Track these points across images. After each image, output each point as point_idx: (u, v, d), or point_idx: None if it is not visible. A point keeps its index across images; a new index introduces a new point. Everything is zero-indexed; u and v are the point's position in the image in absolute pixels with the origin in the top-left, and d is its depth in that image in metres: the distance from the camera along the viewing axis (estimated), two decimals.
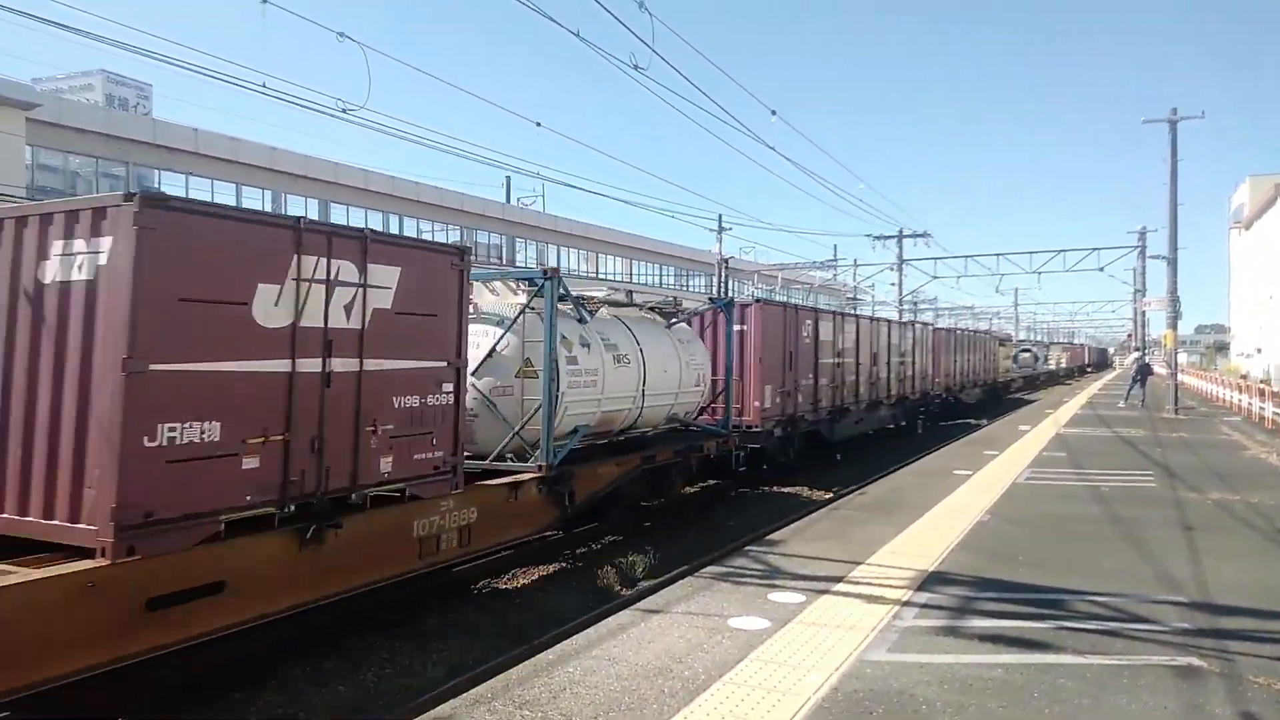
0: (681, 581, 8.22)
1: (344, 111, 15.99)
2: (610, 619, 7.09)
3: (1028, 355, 68.34)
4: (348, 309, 7.61)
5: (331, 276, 7.44)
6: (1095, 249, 40.26)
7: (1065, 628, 6.83)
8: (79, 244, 6.24)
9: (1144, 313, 45.28)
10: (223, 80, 20.02)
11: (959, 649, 6.34)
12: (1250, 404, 28.73)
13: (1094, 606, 7.41)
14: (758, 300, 17.53)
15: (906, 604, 7.41)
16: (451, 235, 49.60)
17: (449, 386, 8.83)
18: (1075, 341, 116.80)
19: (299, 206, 40.98)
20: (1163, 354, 33.87)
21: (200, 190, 36.61)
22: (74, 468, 6.10)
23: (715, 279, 44.18)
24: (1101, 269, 40.51)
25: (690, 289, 69.21)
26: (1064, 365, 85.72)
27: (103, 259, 6.11)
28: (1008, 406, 39.16)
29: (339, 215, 41.88)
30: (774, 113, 22.53)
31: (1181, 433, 22.89)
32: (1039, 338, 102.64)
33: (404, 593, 9.39)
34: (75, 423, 6.12)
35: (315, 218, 40.73)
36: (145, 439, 6.02)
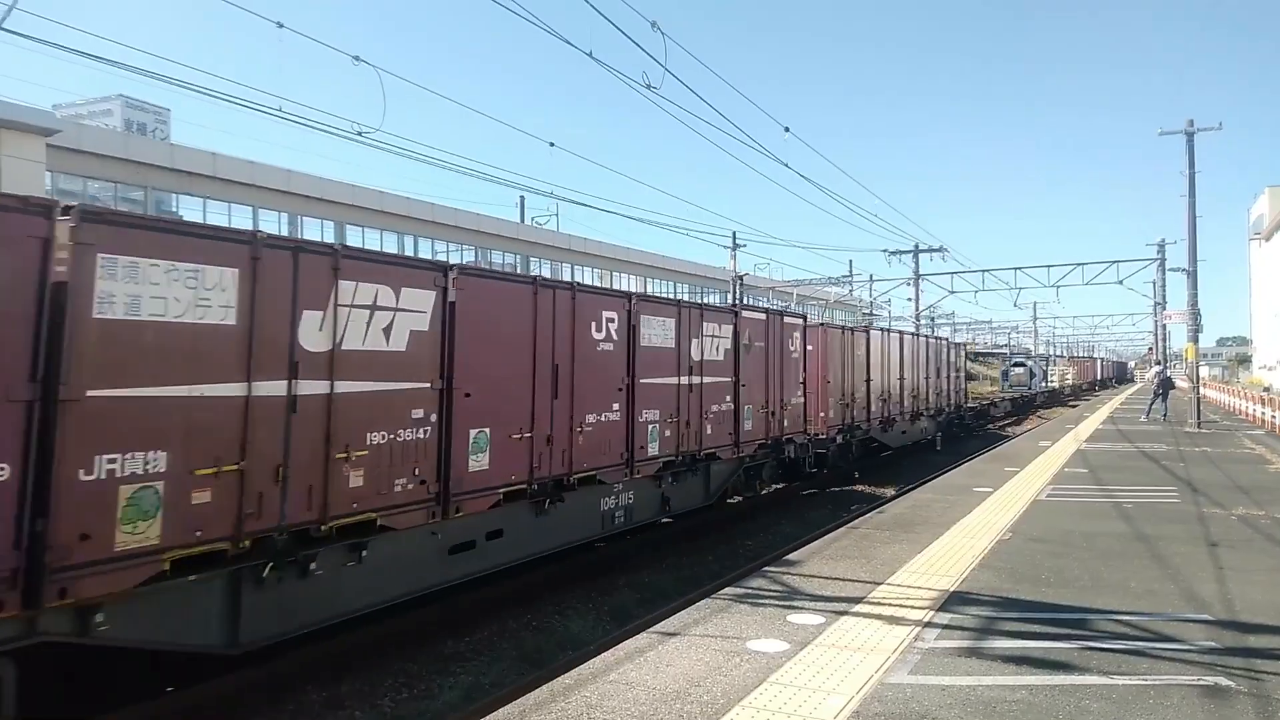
0: (699, 604, 8.14)
1: (360, 134, 16.13)
2: (627, 642, 7.03)
3: (1020, 371, 56.88)
4: None
5: None
6: (1114, 262, 39.90)
7: (1090, 648, 6.72)
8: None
9: (1165, 326, 44.88)
10: (240, 105, 20.23)
11: (982, 670, 6.25)
12: (1274, 417, 28.40)
13: (1119, 625, 7.29)
14: None
15: (928, 625, 7.31)
16: (466, 255, 49.83)
17: None
18: (1091, 354, 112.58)
19: (315, 229, 41.31)
20: (1184, 367, 33.31)
21: (218, 214, 37.00)
22: None
23: (731, 295, 44.17)
24: (1121, 282, 40.11)
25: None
26: (1071, 382, 75.33)
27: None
28: (966, 451, 26.23)
29: (354, 237, 42.16)
30: (787, 129, 22.50)
31: (1204, 447, 22.62)
32: (1059, 352, 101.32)
33: (422, 616, 9.37)
34: None
35: (331, 240, 41.17)
36: None
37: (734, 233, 41.54)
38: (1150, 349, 69.54)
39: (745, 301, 43.57)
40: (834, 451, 20.01)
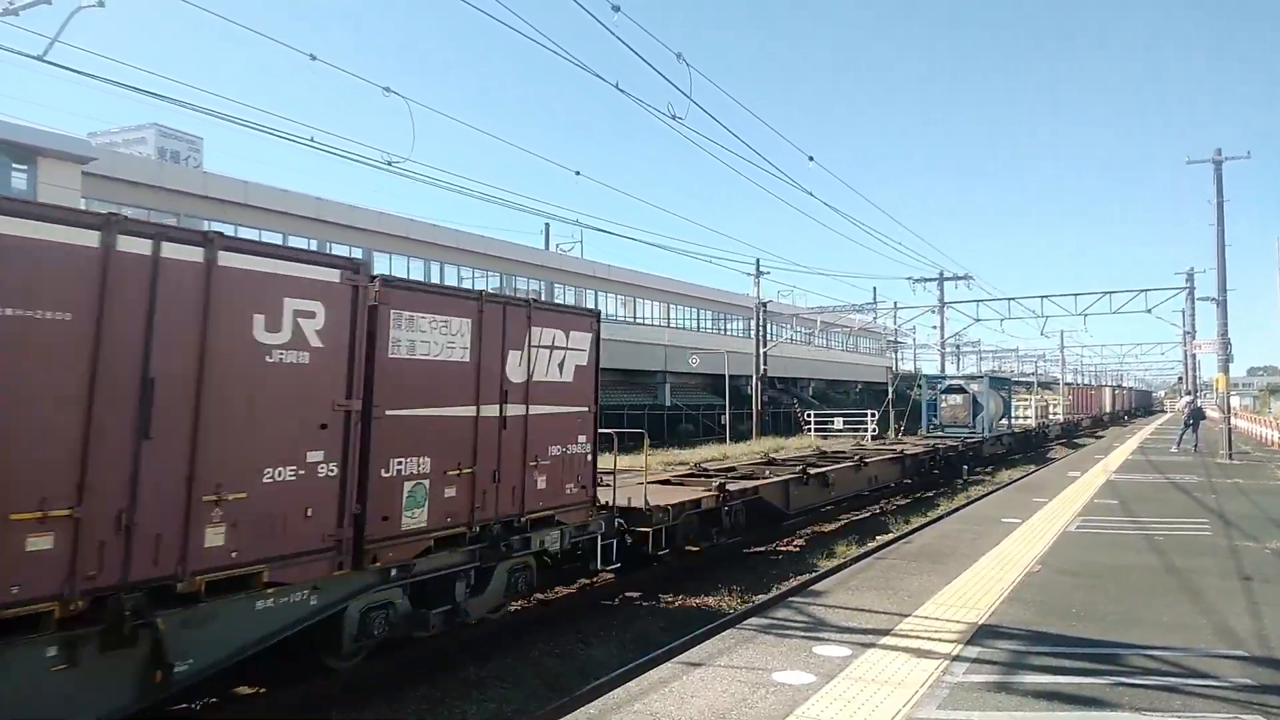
0: (723, 634, 8.10)
1: (390, 164, 16.35)
2: (651, 671, 6.99)
3: (958, 402, 34.51)
4: None
5: None
6: (1142, 290, 39.69)
7: (1122, 683, 6.61)
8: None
9: (1194, 355, 44.36)
10: (272, 134, 20.59)
11: (1012, 706, 6.16)
12: None
13: (1151, 661, 7.18)
14: None
15: (956, 658, 7.22)
16: (491, 281, 50.16)
17: None
18: (1098, 381, 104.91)
19: (343, 254, 41.78)
20: (1215, 397, 32.73)
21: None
22: None
23: (754, 322, 44.19)
24: (1149, 311, 39.90)
25: (727, 332, 69.00)
26: (1061, 419, 52.05)
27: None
28: None
29: (381, 263, 42.53)
30: (811, 158, 22.71)
31: (1236, 478, 22.27)
32: (1086, 380, 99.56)
33: (444, 642, 9.36)
34: None
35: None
36: None
37: (758, 260, 41.67)
38: (1179, 378, 68.18)
39: (773, 329, 43.31)
40: None
